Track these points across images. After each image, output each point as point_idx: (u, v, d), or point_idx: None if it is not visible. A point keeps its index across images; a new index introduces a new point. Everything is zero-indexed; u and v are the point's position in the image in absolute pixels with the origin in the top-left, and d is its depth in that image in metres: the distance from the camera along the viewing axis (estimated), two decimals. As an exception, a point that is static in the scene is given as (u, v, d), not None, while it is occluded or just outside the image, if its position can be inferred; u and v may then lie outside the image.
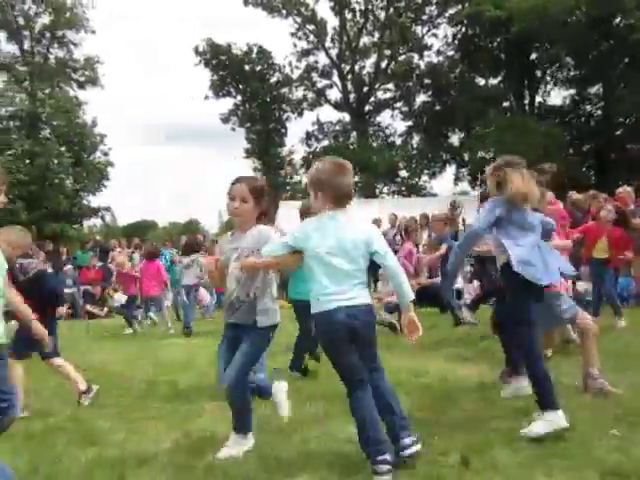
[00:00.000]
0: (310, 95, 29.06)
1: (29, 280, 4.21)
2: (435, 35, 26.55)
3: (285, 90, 28.69)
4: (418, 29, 26.62)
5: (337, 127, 29.65)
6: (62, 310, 4.94)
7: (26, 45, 26.28)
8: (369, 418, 2.63)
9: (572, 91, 24.13)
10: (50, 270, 8.64)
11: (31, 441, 3.50)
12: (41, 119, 25.20)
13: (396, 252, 11.79)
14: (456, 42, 25.15)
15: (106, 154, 27.11)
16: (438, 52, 26.33)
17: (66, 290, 12.84)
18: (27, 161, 23.57)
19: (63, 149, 25.21)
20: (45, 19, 26.17)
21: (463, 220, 11.88)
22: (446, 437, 3.14)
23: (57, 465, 3.01)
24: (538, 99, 24.94)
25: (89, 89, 27.62)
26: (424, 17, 26.33)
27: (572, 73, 23.42)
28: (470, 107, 22.79)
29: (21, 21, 25.75)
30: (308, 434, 3.31)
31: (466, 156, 26.63)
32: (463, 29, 24.50)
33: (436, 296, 7.37)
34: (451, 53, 25.82)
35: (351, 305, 2.63)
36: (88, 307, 12.57)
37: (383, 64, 27.77)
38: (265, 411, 3.71)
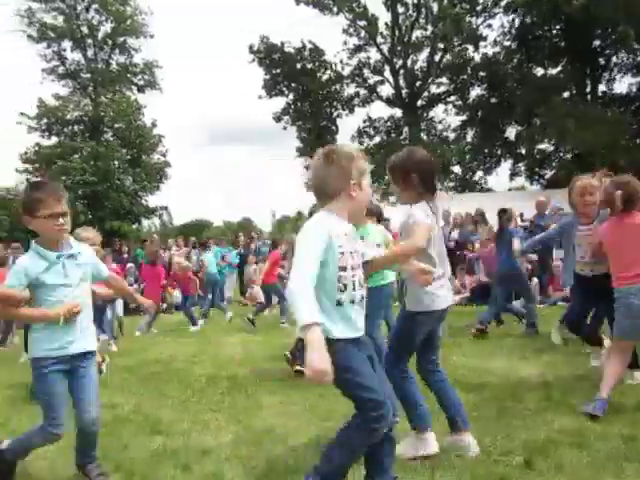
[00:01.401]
0: (362, 92, 28.92)
1: None
2: (490, 25, 25.81)
3: (336, 87, 28.67)
4: (472, 20, 25.93)
5: (389, 123, 29.38)
6: None
7: (90, 53, 27.55)
8: None
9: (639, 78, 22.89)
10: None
11: (100, 431, 3.66)
12: (103, 122, 26.40)
13: (450, 250, 11.69)
14: (513, 31, 24.34)
15: (164, 155, 28.08)
16: (494, 42, 25.58)
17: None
18: (92, 162, 24.75)
19: (124, 151, 26.33)
20: (107, 27, 27.35)
21: (521, 215, 11.55)
22: (508, 437, 3.07)
23: (125, 453, 3.14)
24: (601, 88, 23.83)
25: (148, 92, 28.68)
26: (479, 7, 25.63)
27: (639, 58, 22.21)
28: (529, 98, 22.00)
29: (85, 30, 26.99)
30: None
31: (523, 150, 25.81)
32: (520, 17, 23.68)
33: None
34: (507, 43, 25.03)
35: None
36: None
37: (436, 57, 27.25)
38: (327, 404, 3.73)
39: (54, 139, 26.57)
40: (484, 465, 2.69)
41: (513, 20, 24.17)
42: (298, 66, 27.69)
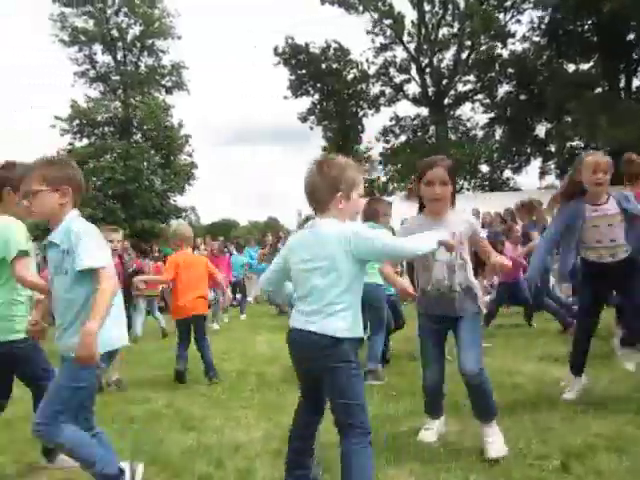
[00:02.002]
0: (388, 90, 28.82)
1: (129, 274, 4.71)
2: (519, 21, 25.44)
3: (362, 86, 28.62)
4: (501, 16, 25.58)
5: (415, 122, 29.20)
6: None
7: (119, 55, 28.06)
8: None
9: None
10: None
11: (133, 425, 3.72)
12: (133, 124, 26.86)
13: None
14: (542, 27, 23.92)
15: (190, 155, 28.40)
16: (523, 38, 25.19)
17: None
18: (121, 163, 25.20)
19: (152, 152, 26.75)
20: (136, 30, 27.83)
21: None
22: (543, 440, 3.01)
23: (160, 448, 3.19)
24: (636, 83, 23.22)
25: (175, 93, 29.09)
26: (507, 3, 25.28)
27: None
28: (559, 94, 21.57)
29: (115, 33, 27.52)
30: (397, 430, 3.30)
31: (553, 147, 25.35)
32: (550, 12, 23.24)
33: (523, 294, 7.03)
34: (537, 39, 24.60)
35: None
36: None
37: (463, 55, 26.98)
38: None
39: (85, 140, 27.15)
40: (519, 468, 2.65)
41: (543, 15, 23.76)
42: (323, 66, 27.74)
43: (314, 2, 26.30)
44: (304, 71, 27.89)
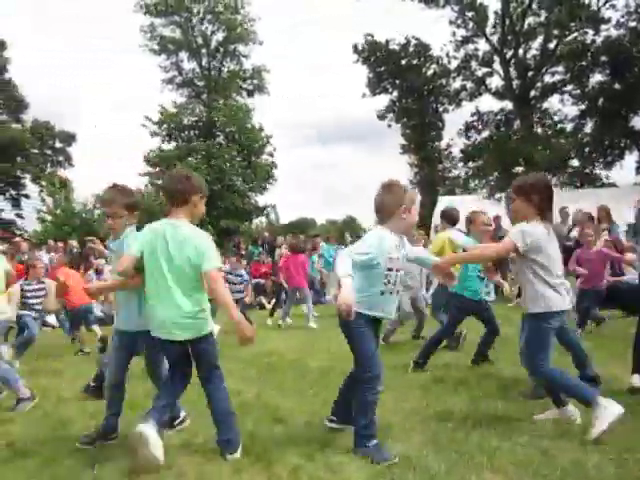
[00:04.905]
0: (469, 85, 27.99)
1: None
2: (614, 6, 23.75)
3: (442, 81, 28.01)
4: (594, 1, 24.04)
5: (498, 117, 28.13)
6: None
7: (204, 62, 29.28)
8: None
9: None
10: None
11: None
12: (216, 126, 27.89)
13: (567, 249, 10.94)
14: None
15: (271, 155, 29.01)
16: (618, 24, 23.54)
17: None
18: (205, 164, 26.26)
19: (234, 153, 27.65)
20: (219, 36, 28.89)
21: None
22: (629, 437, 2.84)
23: (252, 439, 3.30)
24: None
25: (256, 96, 29.93)
26: (601, -13, 23.72)
27: None
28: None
29: (200, 41, 28.74)
30: (487, 431, 3.24)
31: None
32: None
33: (624, 297, 6.63)
34: (633, 24, 22.89)
35: None
36: (262, 299, 13.49)
37: (551, 45, 25.65)
38: (446, 405, 3.71)
39: (173, 143, 28.52)
40: (611, 463, 2.53)
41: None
42: (403, 62, 27.42)
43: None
44: (383, 68, 27.68)
